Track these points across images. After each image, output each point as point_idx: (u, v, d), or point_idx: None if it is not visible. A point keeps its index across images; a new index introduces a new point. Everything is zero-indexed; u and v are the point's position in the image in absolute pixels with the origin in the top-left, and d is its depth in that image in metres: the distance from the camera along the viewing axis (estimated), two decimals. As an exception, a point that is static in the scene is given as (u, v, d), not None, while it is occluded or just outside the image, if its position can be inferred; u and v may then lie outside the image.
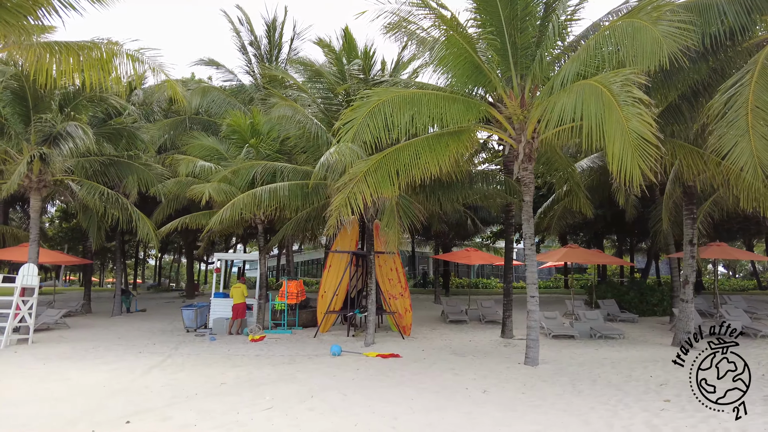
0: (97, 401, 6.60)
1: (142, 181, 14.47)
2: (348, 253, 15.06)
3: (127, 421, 5.67)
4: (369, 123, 8.69)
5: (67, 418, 5.81)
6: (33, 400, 6.60)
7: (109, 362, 9.99)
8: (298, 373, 8.90)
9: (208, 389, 7.47)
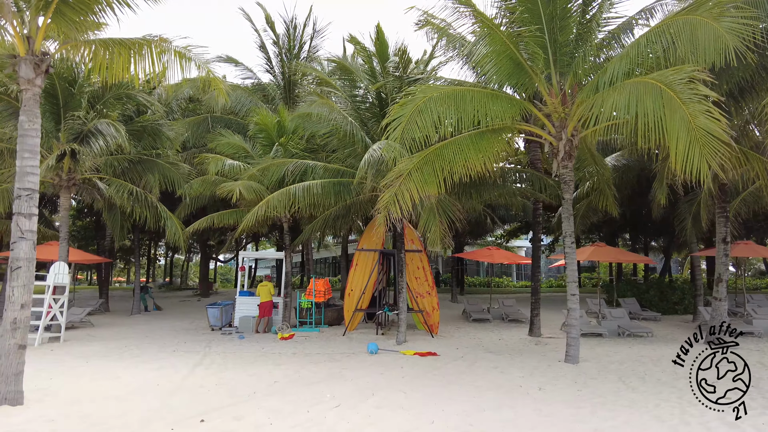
0: (160, 401, 6.56)
1: (168, 179, 14.42)
2: (375, 252, 15.05)
3: (201, 419, 5.64)
4: (417, 120, 8.67)
5: (138, 417, 5.78)
6: (94, 399, 6.56)
7: (148, 361, 9.96)
8: (345, 371, 8.87)
9: (264, 388, 7.44)
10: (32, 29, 6.57)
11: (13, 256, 6.16)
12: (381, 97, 12.97)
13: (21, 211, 6.24)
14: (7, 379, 5.97)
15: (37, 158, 6.48)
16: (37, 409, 5.99)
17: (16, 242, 6.17)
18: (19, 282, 6.14)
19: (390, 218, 8.93)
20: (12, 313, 6.08)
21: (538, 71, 9.96)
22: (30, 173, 6.38)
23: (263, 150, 15.47)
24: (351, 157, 12.79)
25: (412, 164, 9.06)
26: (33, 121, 6.49)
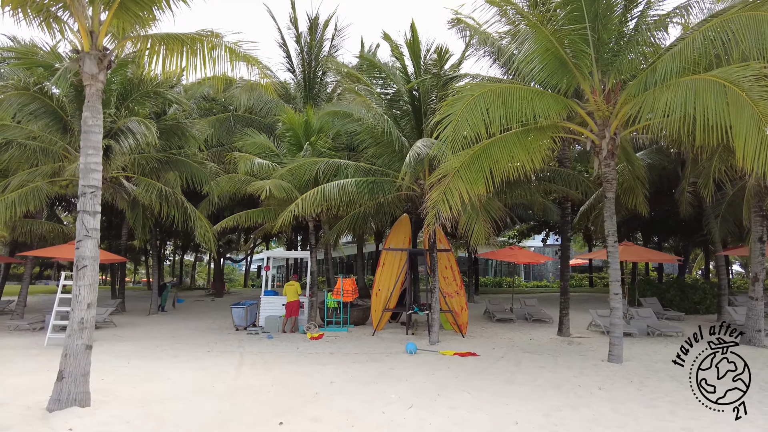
0: (226, 402, 6.44)
1: (196, 178, 14.29)
2: (403, 251, 14.96)
3: (280, 422, 5.53)
4: (468, 117, 8.57)
5: (212, 419, 5.67)
6: (158, 401, 6.44)
7: (188, 361, 9.84)
8: (394, 371, 8.77)
9: (323, 388, 7.34)
10: (95, 24, 6.45)
11: (79, 254, 6.04)
12: (413, 96, 12.87)
13: (86, 208, 6.12)
14: (76, 379, 5.85)
15: (100, 155, 6.36)
16: (107, 410, 5.87)
17: (82, 240, 6.05)
18: (85, 281, 6.01)
19: (439, 217, 8.82)
20: (79, 312, 5.97)
21: (582, 69, 9.89)
22: (94, 170, 6.26)
23: (290, 149, 15.36)
24: (385, 156, 12.67)
25: (459, 162, 8.98)
26: (96, 117, 6.37)
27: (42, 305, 23.52)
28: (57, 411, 5.66)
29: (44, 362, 9.45)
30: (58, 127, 12.65)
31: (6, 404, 6.07)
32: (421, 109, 12.85)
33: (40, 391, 6.84)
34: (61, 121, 12.61)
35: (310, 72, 19.55)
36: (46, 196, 12.70)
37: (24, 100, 11.44)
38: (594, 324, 15.94)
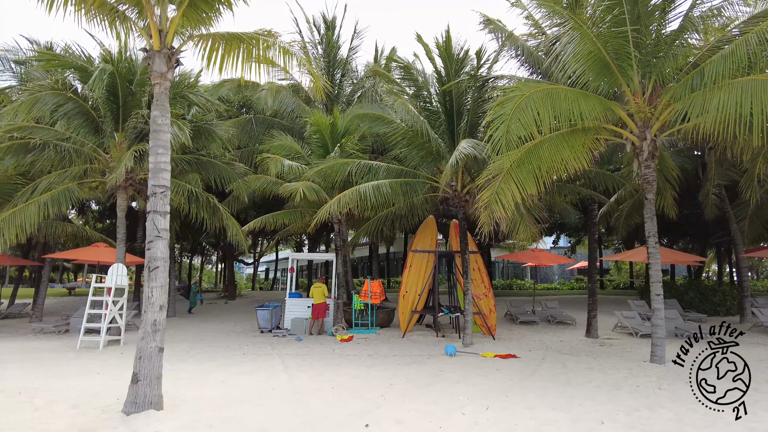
0: (299, 405, 6.33)
1: (224, 179, 14.21)
2: (430, 253, 14.92)
3: (366, 424, 5.47)
4: (519, 117, 8.55)
5: (294, 423, 5.58)
6: (228, 404, 6.34)
7: (231, 364, 9.73)
8: (443, 373, 8.72)
9: (385, 390, 7.27)
10: (163, 23, 6.39)
11: (150, 255, 5.96)
12: (445, 98, 12.84)
13: (156, 209, 6.05)
14: (151, 382, 5.77)
15: (169, 154, 6.29)
16: (183, 413, 5.78)
17: (153, 241, 5.97)
18: (157, 282, 5.93)
19: (492, 217, 8.79)
20: (152, 314, 5.88)
21: (625, 71, 9.90)
22: (163, 169, 6.19)
23: (317, 150, 15.32)
24: (418, 157, 12.64)
25: (509, 162, 8.95)
26: (165, 116, 6.30)
27: (55, 307, 23.33)
28: (135, 414, 5.57)
29: (87, 364, 9.35)
30: (89, 129, 12.54)
31: (77, 407, 5.98)
32: (453, 110, 12.83)
33: (102, 394, 6.75)
34: (93, 123, 12.51)
35: (329, 75, 19.51)
36: (76, 197, 12.57)
37: (59, 101, 11.33)
38: (620, 325, 15.95)
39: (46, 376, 8.00)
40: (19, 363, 9.32)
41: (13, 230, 11.39)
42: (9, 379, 7.74)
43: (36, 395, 6.53)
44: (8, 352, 10.82)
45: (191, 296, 20.99)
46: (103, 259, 15.62)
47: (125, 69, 12.75)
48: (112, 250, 15.79)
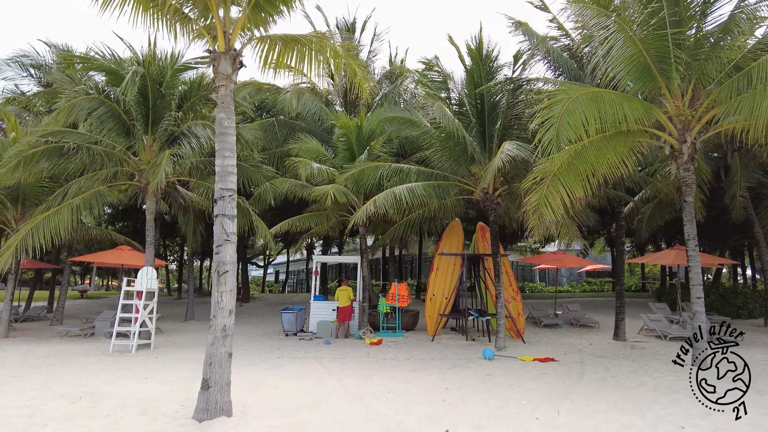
0: (367, 410, 6.26)
1: (252, 181, 14.15)
2: (458, 256, 14.88)
3: (446, 430, 5.41)
4: (569, 120, 8.52)
5: (372, 427, 5.52)
6: (296, 410, 6.27)
7: (273, 368, 9.69)
8: (491, 377, 8.66)
9: (444, 394, 7.22)
10: (227, 24, 6.34)
11: (219, 259, 5.90)
12: (477, 101, 12.81)
13: (224, 212, 5.99)
14: (222, 388, 5.70)
15: (234, 157, 6.24)
16: (253, 420, 5.71)
17: (222, 245, 5.91)
18: (227, 287, 5.88)
19: (542, 220, 8.75)
20: (222, 319, 5.82)
21: (668, 74, 9.88)
22: (231, 173, 6.14)
23: (343, 153, 15.29)
24: (451, 160, 12.61)
25: (555, 166, 8.92)
26: (230, 118, 6.25)
27: (71, 310, 23.19)
28: (207, 421, 5.50)
29: (130, 369, 9.26)
30: (119, 132, 12.48)
31: (145, 413, 5.91)
32: (484, 112, 12.80)
33: (162, 399, 6.69)
34: (124, 126, 12.45)
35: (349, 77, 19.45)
36: (107, 200, 12.51)
37: (93, 104, 11.28)
38: (646, 328, 15.92)
39: (96, 381, 7.92)
40: (62, 367, 9.24)
41: (47, 234, 11.30)
42: (62, 383, 7.66)
43: (98, 401, 6.46)
44: (45, 356, 10.74)
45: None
46: (127, 262, 15.55)
47: (156, 72, 12.70)
48: (136, 253, 15.73)
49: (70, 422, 5.54)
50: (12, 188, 13.80)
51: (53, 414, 5.83)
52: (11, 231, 14.42)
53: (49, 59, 18.03)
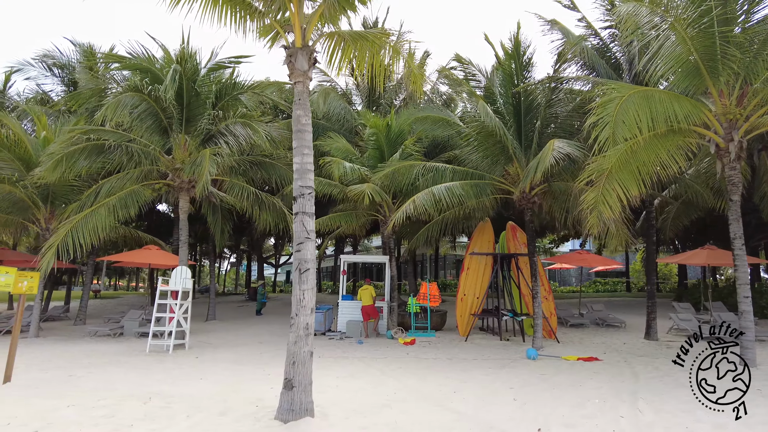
0: (445, 409, 6.23)
1: (285, 180, 14.08)
2: (488, 255, 14.84)
3: (538, 428, 5.35)
4: (624, 119, 8.50)
5: (461, 427, 5.47)
6: (375, 410, 6.20)
7: (322, 368, 9.55)
8: (547, 376, 8.61)
9: (511, 393, 7.17)
10: (302, 19, 6.28)
11: (300, 257, 5.83)
12: (513, 98, 12.77)
13: (304, 210, 5.92)
14: (305, 389, 5.63)
15: (312, 154, 6.17)
16: (338, 420, 5.64)
17: (303, 243, 5.84)
18: (308, 284, 5.81)
19: (601, 218, 8.72)
20: (304, 318, 5.76)
21: (717, 72, 9.85)
22: (309, 170, 6.07)
23: (373, 153, 15.24)
24: (489, 159, 12.56)
25: (609, 164, 8.88)
26: (307, 115, 6.20)
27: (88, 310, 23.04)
28: (293, 422, 5.43)
29: (179, 369, 9.17)
30: (156, 130, 12.39)
31: (225, 415, 5.83)
32: (521, 111, 12.77)
33: (231, 400, 6.62)
34: (160, 124, 12.36)
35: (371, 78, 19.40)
36: (142, 199, 12.43)
37: (135, 102, 11.19)
38: (676, 328, 15.89)
39: (153, 381, 7.84)
40: (111, 367, 9.15)
41: (87, 234, 11.21)
42: (122, 383, 7.59)
43: (170, 401, 6.38)
44: (86, 356, 10.65)
45: (258, 298, 20.95)
46: (154, 262, 15.46)
47: (191, 70, 12.62)
48: (164, 253, 15.65)
49: (155, 423, 5.47)
50: (42, 187, 13.70)
51: (132, 414, 5.75)
52: (41, 230, 14.33)
53: (72, 58, 17.92)
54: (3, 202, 13.23)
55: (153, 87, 11.28)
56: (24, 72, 17.46)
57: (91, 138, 11.32)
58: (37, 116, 14.32)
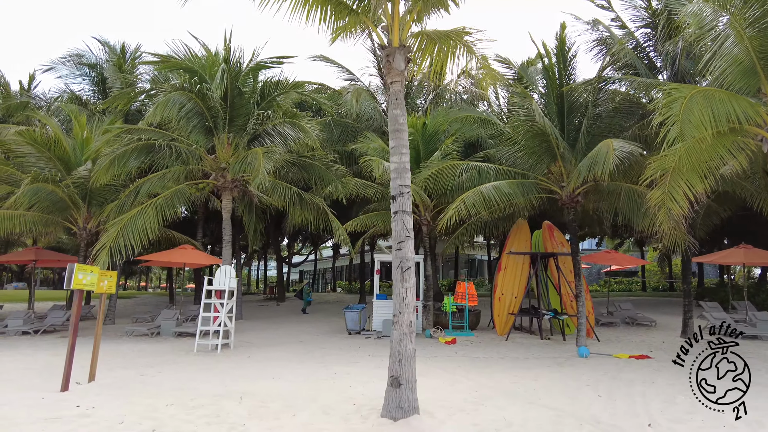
0: (549, 408, 6.24)
1: (324, 180, 14.09)
2: (526, 255, 14.90)
3: (648, 423, 5.40)
4: (690, 118, 8.55)
5: (571, 422, 5.51)
6: (473, 407, 6.24)
7: (379, 366, 9.57)
8: (612, 374, 8.67)
9: (592, 392, 7.20)
10: (396, 18, 6.30)
11: (402, 256, 5.85)
12: (557, 98, 12.82)
13: (404, 208, 5.94)
14: (412, 386, 5.66)
15: (408, 153, 6.20)
16: (446, 417, 5.66)
17: (404, 241, 5.86)
18: (410, 282, 5.83)
19: (670, 215, 8.78)
20: (408, 315, 5.78)
21: None
22: (406, 169, 6.10)
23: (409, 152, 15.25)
24: (533, 158, 12.60)
25: (672, 162, 8.94)
26: (404, 114, 6.21)
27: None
28: (402, 419, 5.45)
29: (244, 368, 9.14)
30: (202, 129, 12.37)
31: (329, 414, 5.83)
32: (564, 110, 12.82)
33: (321, 398, 6.62)
34: (205, 123, 12.34)
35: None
36: (188, 198, 12.42)
37: (183, 101, 11.17)
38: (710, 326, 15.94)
39: (230, 381, 7.84)
40: (176, 366, 9.17)
41: (136, 235, 11.19)
42: (199, 382, 7.59)
43: (264, 401, 6.37)
44: (140, 355, 10.66)
45: (304, 297, 21.02)
46: (190, 261, 15.44)
47: (234, 70, 12.61)
48: (198, 252, 15.63)
49: (264, 421, 5.46)
50: (81, 188, 13.67)
51: (236, 413, 5.75)
52: (78, 230, 14.29)
53: (101, 58, 17.87)
54: (44, 202, 13.17)
55: (201, 86, 11.26)
56: (56, 71, 17.41)
57: (142, 138, 11.29)
58: (74, 116, 14.27)
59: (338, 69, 20.16)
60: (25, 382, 7.43)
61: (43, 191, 12.84)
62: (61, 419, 5.27)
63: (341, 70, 20.24)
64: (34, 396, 6.36)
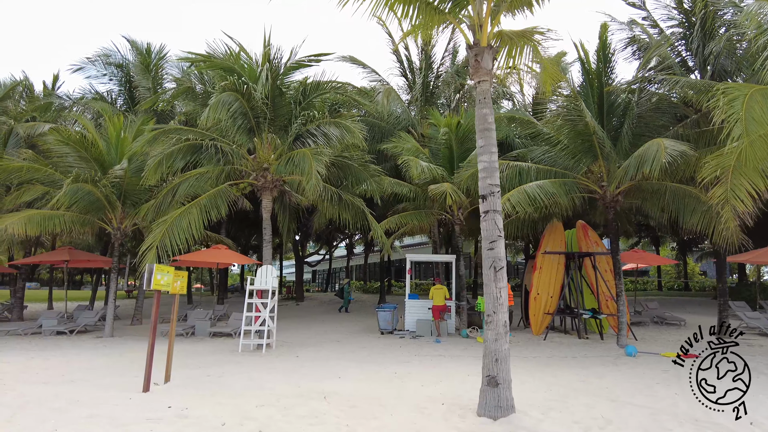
0: (630, 406, 6.26)
1: (359, 180, 14.08)
2: (561, 254, 14.91)
3: (750, 422, 5.41)
4: (752, 115, 8.56)
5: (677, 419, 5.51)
6: (562, 403, 6.24)
7: (435, 366, 9.59)
8: (671, 373, 8.66)
9: (664, 391, 7.20)
10: (482, 17, 6.28)
11: (494, 255, 5.83)
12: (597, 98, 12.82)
13: (495, 208, 5.93)
14: (508, 385, 5.64)
15: (496, 153, 6.19)
16: (542, 416, 5.65)
17: (496, 241, 5.85)
18: (503, 282, 5.82)
19: (735, 212, 8.81)
20: (502, 315, 5.77)
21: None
22: (496, 168, 6.09)
23: (443, 152, 15.28)
24: (576, 157, 12.61)
25: (731, 160, 8.94)
26: (492, 114, 6.20)
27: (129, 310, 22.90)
28: (502, 418, 5.44)
29: (304, 368, 9.10)
30: (245, 130, 12.33)
31: (421, 412, 5.82)
32: (603, 111, 12.82)
33: (405, 398, 6.60)
34: (249, 124, 12.30)
35: (424, 78, 19.44)
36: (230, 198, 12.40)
37: (231, 101, 11.14)
38: (744, 326, 15.99)
39: (299, 380, 7.83)
40: (231, 366, 9.11)
41: (182, 235, 11.15)
42: (267, 382, 7.58)
43: (350, 400, 6.35)
44: (188, 356, 10.65)
45: (345, 296, 21.00)
46: (224, 260, 15.43)
47: (275, 70, 12.58)
48: (232, 252, 15.61)
49: (366, 420, 5.44)
50: (116, 187, 13.63)
51: (332, 413, 5.72)
52: (113, 230, 14.24)
53: (129, 58, 17.82)
54: (81, 202, 13.13)
55: (248, 86, 11.24)
56: (84, 71, 17.35)
57: (189, 138, 11.26)
58: (108, 116, 14.22)
59: (363, 69, 20.11)
60: (99, 382, 7.39)
61: (81, 191, 12.79)
62: (163, 420, 5.23)
63: (366, 71, 20.19)
64: (119, 396, 6.32)
